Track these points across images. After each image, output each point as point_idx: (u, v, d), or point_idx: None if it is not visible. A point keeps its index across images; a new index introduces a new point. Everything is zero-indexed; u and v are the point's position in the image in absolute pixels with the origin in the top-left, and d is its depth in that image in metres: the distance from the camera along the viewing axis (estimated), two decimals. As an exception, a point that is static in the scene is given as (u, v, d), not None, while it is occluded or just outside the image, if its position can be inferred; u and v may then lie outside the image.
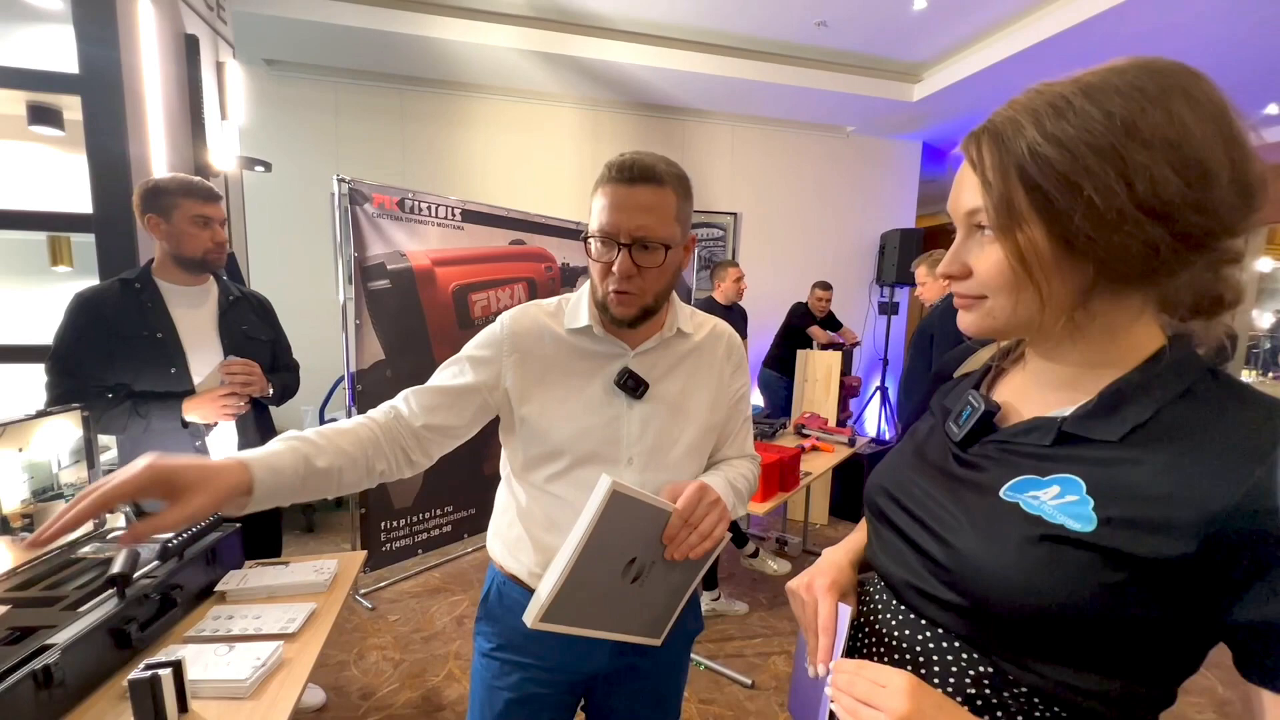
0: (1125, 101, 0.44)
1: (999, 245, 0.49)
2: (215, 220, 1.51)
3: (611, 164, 0.80)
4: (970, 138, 0.51)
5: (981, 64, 3.51)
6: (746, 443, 1.03)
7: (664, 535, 0.76)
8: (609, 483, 0.67)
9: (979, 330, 0.55)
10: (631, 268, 0.80)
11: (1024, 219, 0.47)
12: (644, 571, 0.77)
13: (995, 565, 0.49)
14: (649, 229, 0.79)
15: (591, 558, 0.70)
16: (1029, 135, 0.46)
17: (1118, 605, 0.45)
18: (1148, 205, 0.43)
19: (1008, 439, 0.55)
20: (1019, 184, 0.47)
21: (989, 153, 0.49)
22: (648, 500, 0.72)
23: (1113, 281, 0.47)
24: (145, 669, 0.85)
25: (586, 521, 0.68)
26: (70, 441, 1.25)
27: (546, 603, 0.70)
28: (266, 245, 3.32)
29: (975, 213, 0.51)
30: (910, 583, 0.57)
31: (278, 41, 3.40)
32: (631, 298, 0.83)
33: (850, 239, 4.95)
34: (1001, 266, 0.49)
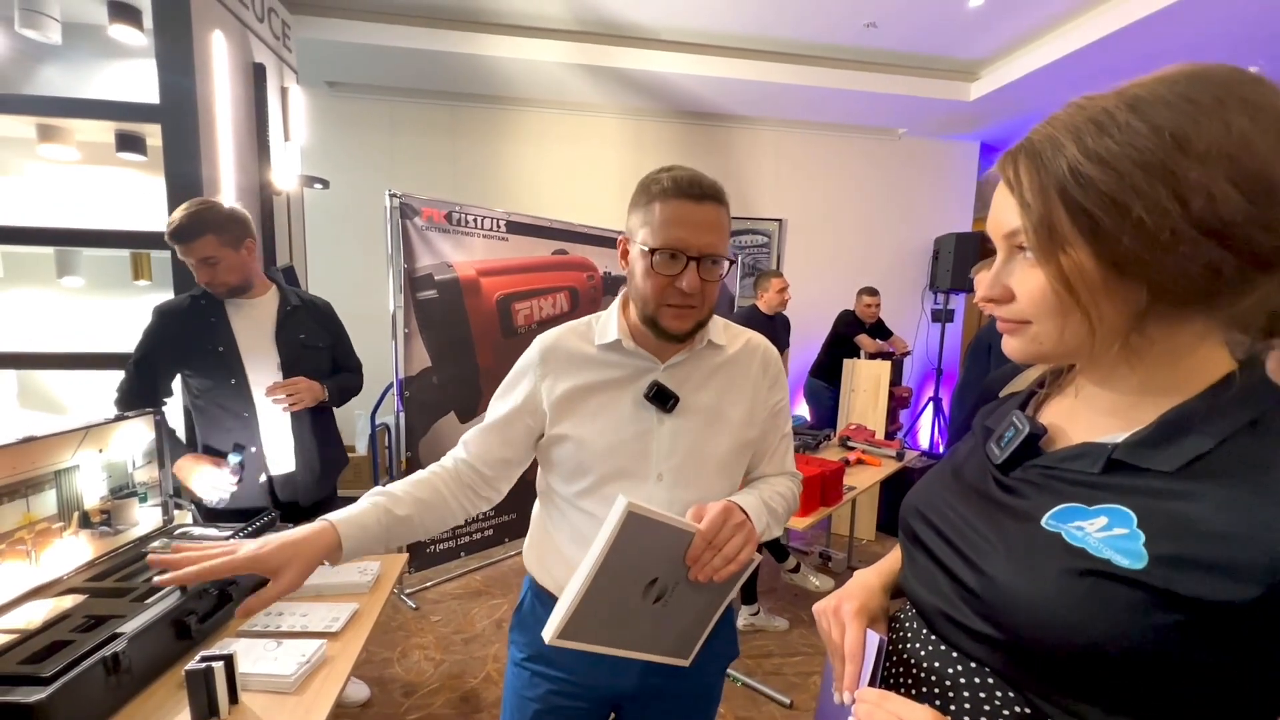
0: (1175, 114, 0.40)
1: (1041, 269, 0.46)
2: (194, 262, 1.50)
3: (669, 177, 0.81)
4: (1006, 156, 0.49)
5: (1044, 59, 3.34)
6: (786, 459, 1.01)
7: (687, 556, 0.74)
8: (624, 503, 0.66)
9: (1025, 356, 0.52)
10: (700, 283, 0.81)
11: (1067, 241, 0.44)
12: (667, 592, 0.76)
13: (1032, 597, 0.46)
14: (715, 246, 0.81)
15: (609, 577, 0.70)
16: (1069, 154, 0.43)
17: (1169, 649, 0.41)
18: (1206, 225, 0.39)
19: (1053, 464, 0.51)
20: (1060, 205, 0.44)
21: (1026, 172, 0.46)
22: (668, 521, 0.71)
23: (1171, 305, 0.43)
24: (201, 661, 0.90)
25: (602, 541, 0.68)
26: (144, 443, 1.35)
27: (563, 620, 0.70)
28: (324, 258, 3.50)
29: (1015, 234, 0.48)
30: (941, 610, 0.54)
31: (338, 64, 3.59)
32: (692, 311, 0.84)
33: (902, 244, 4.79)
34: (1045, 291, 0.46)
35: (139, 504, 1.32)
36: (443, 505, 0.88)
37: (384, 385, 3.30)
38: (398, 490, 0.86)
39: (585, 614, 0.71)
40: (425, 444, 2.63)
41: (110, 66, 1.92)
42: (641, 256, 0.82)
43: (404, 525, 0.83)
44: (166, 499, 1.40)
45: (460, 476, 0.91)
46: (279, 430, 1.65)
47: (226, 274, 1.54)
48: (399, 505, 0.83)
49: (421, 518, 0.86)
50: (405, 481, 0.88)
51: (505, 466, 0.93)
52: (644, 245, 0.82)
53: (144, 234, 1.86)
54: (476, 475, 0.92)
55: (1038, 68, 3.41)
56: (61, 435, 1.15)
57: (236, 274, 1.56)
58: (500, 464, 0.93)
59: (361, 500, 0.83)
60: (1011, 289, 0.49)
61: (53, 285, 2.17)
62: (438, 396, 2.66)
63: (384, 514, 0.82)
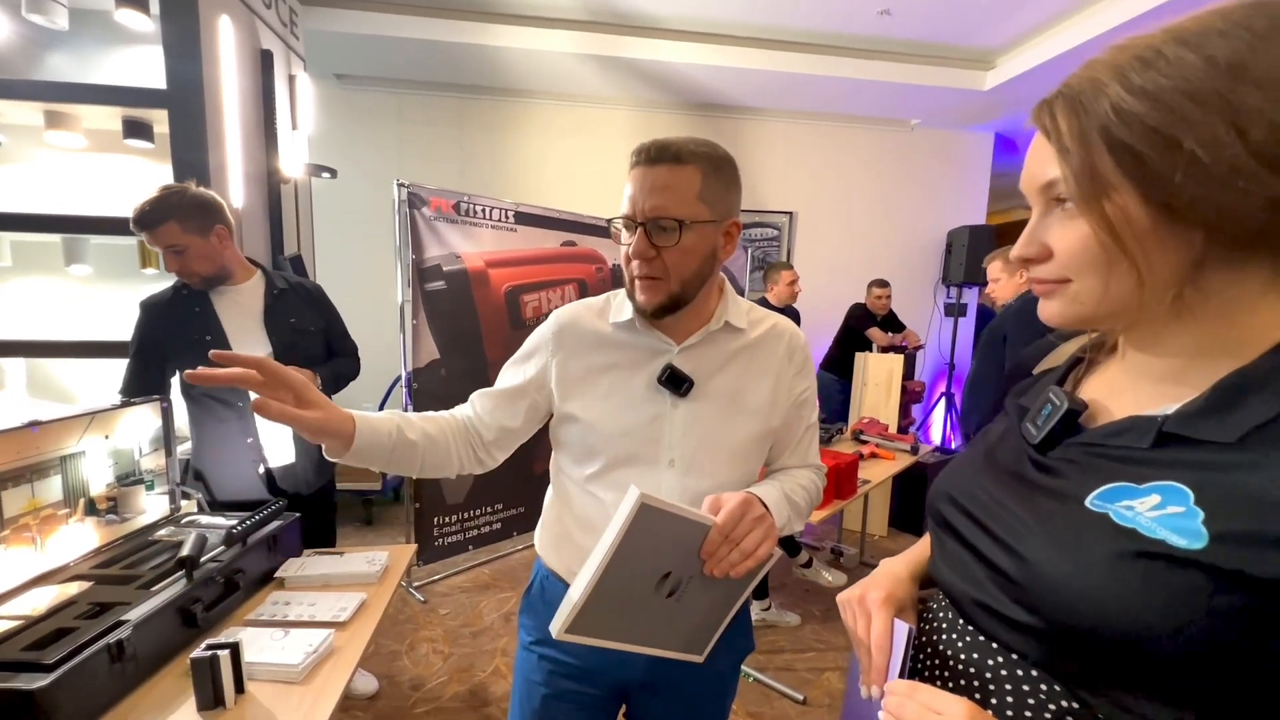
0: (1229, 43, 0.37)
1: (1083, 219, 0.43)
2: (161, 250, 1.47)
3: (636, 148, 0.79)
4: (1042, 105, 0.46)
5: (1061, 47, 3.27)
6: (810, 451, 0.96)
7: (702, 550, 0.71)
8: (637, 495, 0.63)
9: (1064, 319, 0.48)
10: (648, 248, 0.78)
11: (1111, 186, 0.41)
12: (681, 586, 0.73)
13: (1078, 583, 0.43)
14: (663, 207, 0.77)
15: (619, 570, 0.67)
16: (1112, 92, 0.40)
17: (1232, 635, 0.38)
18: (1268, 155, 0.36)
19: (1096, 441, 0.48)
20: (1103, 147, 0.41)
21: (1064, 117, 0.43)
22: (683, 513, 0.68)
23: (1230, 250, 0.40)
24: (206, 649, 0.89)
25: (613, 534, 0.65)
26: (150, 431, 1.34)
27: (571, 614, 0.67)
28: (332, 248, 3.49)
29: (1053, 185, 0.45)
30: (977, 599, 0.51)
31: (346, 56, 3.58)
32: (655, 284, 0.80)
33: (914, 237, 4.72)
34: (1087, 242, 0.43)
35: (145, 492, 1.31)
36: (446, 448, 0.87)
37: (392, 377, 3.30)
38: (413, 418, 0.86)
39: (594, 608, 0.68)
40: (433, 436, 2.61)
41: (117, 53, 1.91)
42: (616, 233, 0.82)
43: (409, 450, 0.83)
44: (173, 487, 1.39)
45: (466, 430, 0.91)
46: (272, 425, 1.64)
47: (195, 262, 1.49)
48: (410, 429, 0.83)
49: (425, 450, 0.85)
50: (420, 415, 0.88)
51: (505, 434, 0.92)
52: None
53: (151, 222, 1.84)
54: (477, 435, 0.91)
55: (1054, 56, 3.33)
56: (67, 421, 1.14)
57: (207, 263, 1.51)
58: (500, 430, 0.91)
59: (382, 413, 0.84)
60: (1049, 245, 0.46)
61: (60, 273, 2.16)
62: (446, 389, 2.64)
63: (396, 430, 0.81)
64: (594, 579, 0.66)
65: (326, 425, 0.71)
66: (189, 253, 1.48)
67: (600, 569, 0.65)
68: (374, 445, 0.78)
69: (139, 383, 1.57)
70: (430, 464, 0.86)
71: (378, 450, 0.78)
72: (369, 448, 0.77)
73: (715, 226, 0.81)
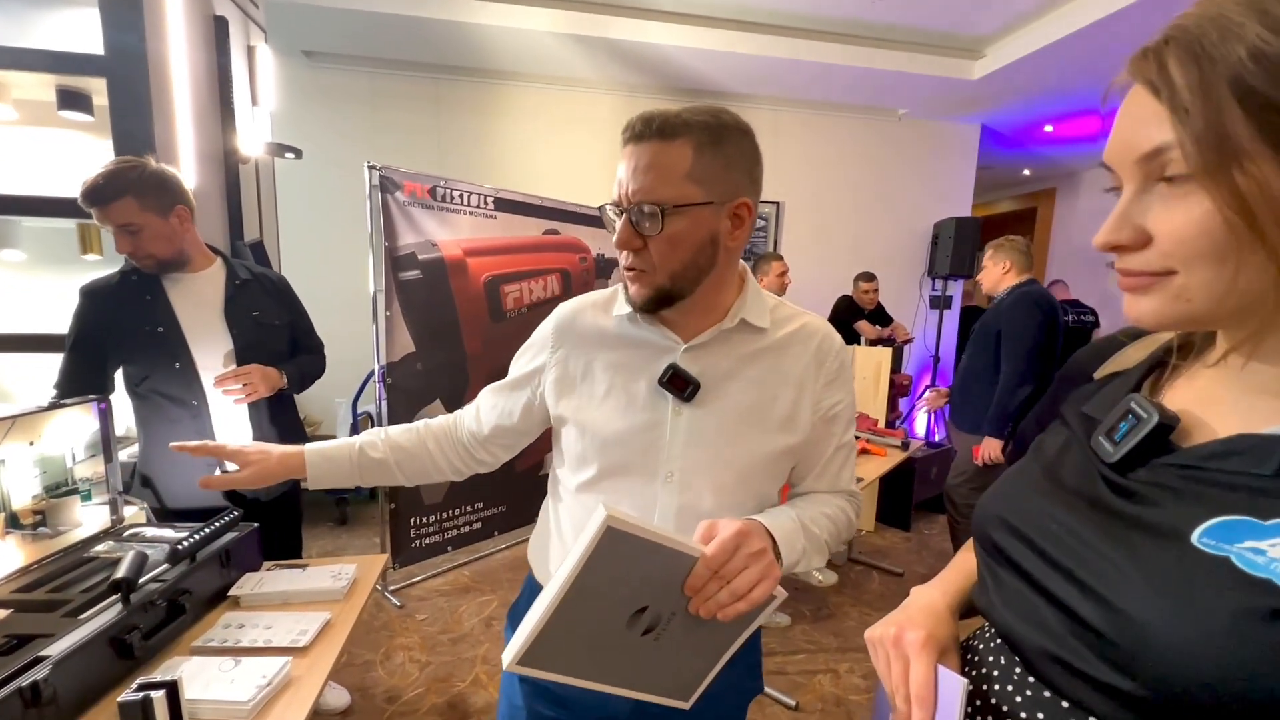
0: None
1: (1203, 195, 0.35)
2: (113, 229, 1.33)
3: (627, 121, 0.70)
4: (1147, 54, 0.37)
5: (1053, 35, 3.22)
6: (842, 475, 0.83)
7: (687, 586, 0.59)
8: (603, 515, 0.53)
9: (1164, 319, 0.40)
10: (632, 237, 0.69)
11: (1244, 153, 0.33)
12: (660, 623, 0.62)
13: (1195, 646, 0.34)
14: (647, 190, 0.67)
15: (582, 601, 0.57)
16: (1249, 34, 0.32)
17: None
18: None
19: (1196, 463, 0.40)
20: (1235, 105, 0.33)
21: (1181, 68, 0.35)
22: (663, 541, 0.57)
23: None
24: (138, 689, 0.77)
25: (574, 558, 0.55)
26: (86, 435, 1.20)
27: (525, 645, 0.57)
28: (298, 234, 3.32)
29: (1159, 153, 0.36)
30: (1049, 651, 0.42)
31: (314, 31, 3.39)
32: (642, 275, 0.71)
33: (901, 229, 4.68)
34: (1206, 224, 0.35)
35: (80, 502, 1.18)
36: (425, 458, 0.89)
37: (365, 371, 3.15)
38: (381, 434, 0.88)
39: (553, 640, 0.58)
40: (409, 433, 2.49)
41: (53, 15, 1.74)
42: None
43: (379, 468, 0.87)
44: (114, 496, 1.26)
45: (455, 434, 0.91)
46: (233, 421, 1.50)
47: (151, 244, 1.36)
48: (375, 449, 0.87)
49: (400, 464, 0.88)
50: (397, 428, 0.90)
51: (506, 434, 0.90)
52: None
53: (92, 203, 1.68)
54: (473, 436, 0.90)
55: (1044, 45, 3.29)
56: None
57: (164, 245, 1.38)
58: (501, 430, 0.89)
59: (348, 437, 0.88)
60: (1147, 230, 0.38)
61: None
62: (423, 384, 2.52)
63: (357, 453, 0.86)
64: (550, 608, 0.56)
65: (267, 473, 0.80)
66: (145, 233, 1.34)
67: (558, 597, 0.55)
68: (330, 475, 0.83)
69: (76, 380, 1.42)
70: (412, 473, 0.89)
71: (339, 478, 0.84)
72: (325, 478, 0.84)
73: (713, 209, 0.69)
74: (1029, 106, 4.25)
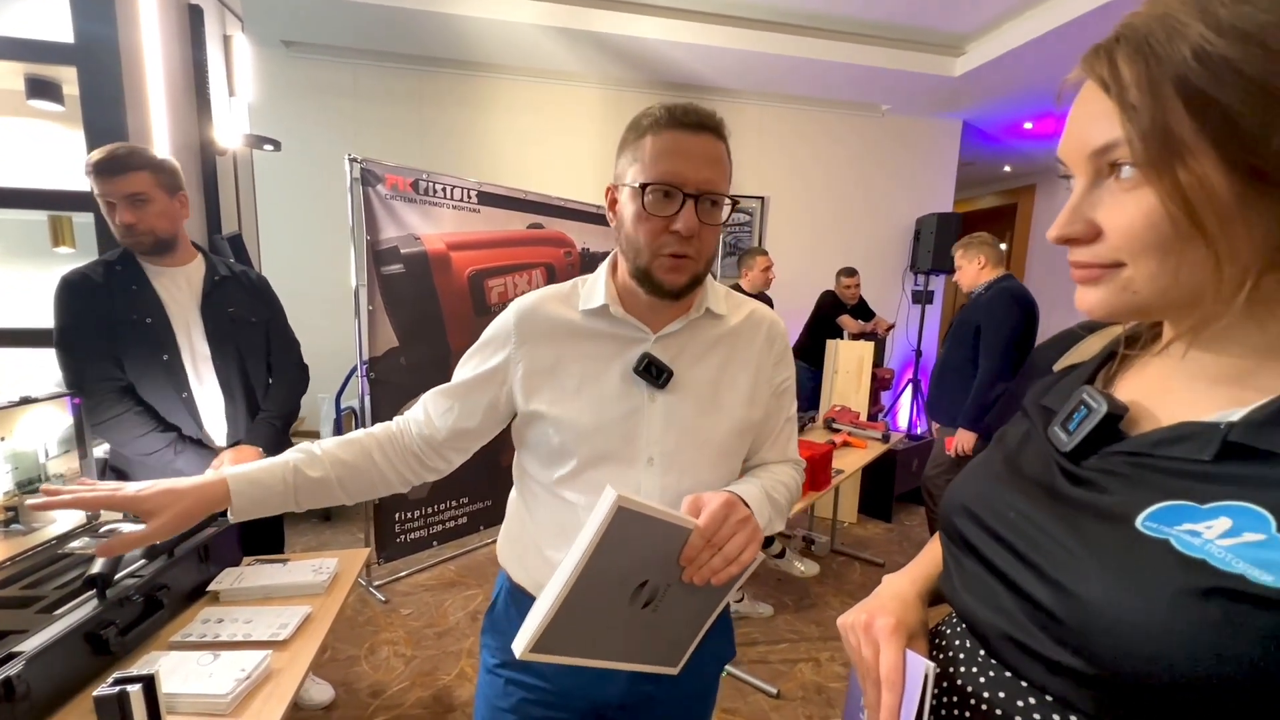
0: None
1: (1148, 189, 0.36)
2: (117, 199, 1.33)
3: (662, 107, 0.72)
4: (1098, 52, 0.39)
5: (1034, 32, 3.26)
6: (789, 445, 0.91)
7: (682, 556, 0.64)
8: (614, 496, 0.55)
9: (1112, 310, 0.41)
10: (697, 224, 0.71)
11: (1187, 149, 0.34)
12: (658, 595, 0.66)
13: (1138, 625, 0.36)
14: (715, 183, 0.72)
15: (593, 581, 0.59)
16: (1193, 33, 0.34)
17: None
18: None
19: (1143, 450, 0.41)
20: (1179, 102, 0.34)
21: (1130, 65, 0.36)
22: (663, 516, 0.60)
23: None
24: (114, 683, 0.77)
25: (586, 541, 0.57)
26: (59, 430, 1.18)
27: (537, 632, 0.59)
28: (278, 227, 3.27)
29: (1109, 149, 0.38)
30: (1008, 634, 0.44)
31: (294, 21, 3.33)
32: (688, 262, 0.74)
33: (884, 224, 4.73)
34: (1152, 218, 0.37)
35: (54, 499, 1.16)
36: (371, 470, 0.82)
37: (347, 366, 3.13)
38: (319, 449, 0.80)
39: (563, 624, 0.60)
40: (392, 428, 2.48)
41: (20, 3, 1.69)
42: (632, 197, 0.72)
43: (318, 487, 0.78)
44: (90, 492, 1.24)
45: (403, 441, 0.84)
46: (216, 414, 1.49)
47: (155, 219, 1.37)
48: (314, 466, 0.78)
49: (342, 480, 0.80)
50: (335, 440, 0.82)
51: (460, 436, 0.85)
52: (634, 183, 0.71)
53: (64, 194, 1.64)
54: (425, 442, 0.84)
55: (1025, 41, 3.33)
56: (-52, 422, 0.98)
57: (166, 223, 1.39)
58: (457, 433, 0.84)
59: (279, 455, 0.79)
60: (1097, 223, 0.40)
61: (-41, 254, 1.93)
62: (406, 379, 2.51)
63: (292, 473, 0.76)
64: (563, 593, 0.58)
65: (184, 518, 0.70)
66: (152, 207, 1.36)
67: (571, 581, 0.57)
68: (260, 502, 0.74)
69: (97, 369, 1.37)
70: (355, 490, 0.82)
71: (271, 504, 0.75)
72: (254, 504, 0.74)
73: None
74: (1009, 103, 4.30)
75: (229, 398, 1.49)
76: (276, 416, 1.58)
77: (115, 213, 1.34)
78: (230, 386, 1.49)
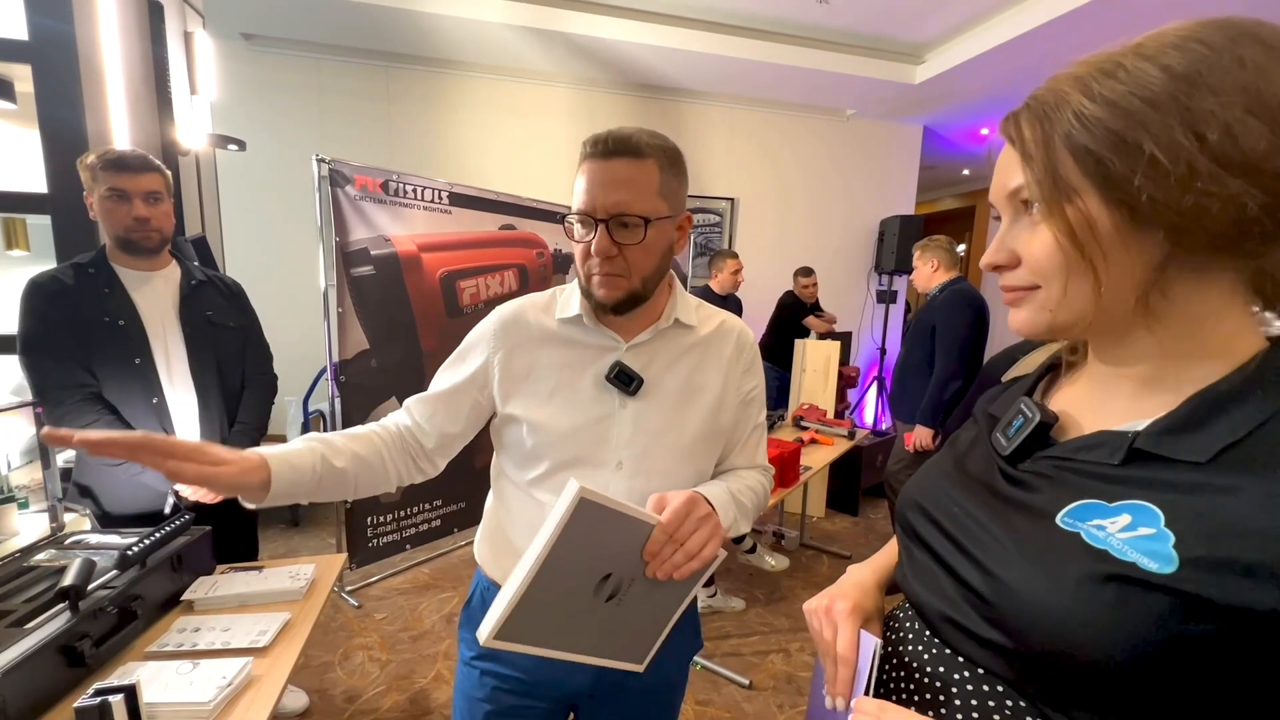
0: (1184, 54, 0.39)
1: (1047, 224, 0.43)
2: (134, 193, 1.36)
3: (590, 139, 0.76)
4: (1009, 117, 0.46)
5: (988, 44, 3.41)
6: (758, 452, 0.95)
7: (645, 551, 0.67)
8: (576, 489, 0.58)
9: (1032, 328, 0.48)
10: (610, 246, 0.75)
11: (1074, 190, 0.42)
12: (621, 589, 0.69)
13: (1048, 605, 0.42)
14: (625, 204, 0.74)
15: (555, 572, 0.62)
16: (1074, 101, 0.41)
17: (1198, 662, 0.38)
18: (1225, 157, 0.37)
19: (1067, 455, 0.48)
20: (1065, 152, 0.42)
21: (1029, 127, 0.44)
22: (626, 511, 0.64)
23: (1193, 255, 0.40)
24: (95, 694, 0.77)
25: (549, 530, 0.60)
26: (21, 440, 1.16)
27: (501, 618, 0.61)
28: (245, 230, 3.20)
29: (1019, 191, 0.45)
30: (946, 614, 0.50)
31: (254, 14, 3.25)
32: (616, 280, 0.77)
33: (849, 225, 4.86)
34: (1050, 248, 0.44)
35: (18, 511, 1.14)
36: (380, 466, 0.83)
37: (316, 368, 3.08)
38: (337, 441, 0.80)
39: (527, 612, 0.63)
40: (364, 432, 2.45)
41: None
42: (568, 227, 0.78)
43: (338, 478, 0.78)
44: (54, 503, 1.22)
45: (402, 441, 0.86)
46: (189, 420, 1.47)
47: (163, 219, 1.43)
48: (337, 456, 0.78)
49: (357, 474, 0.80)
50: (345, 433, 0.82)
51: (447, 440, 0.88)
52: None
53: (17, 195, 1.58)
54: (417, 444, 0.87)
55: (980, 53, 3.48)
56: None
57: (169, 224, 1.45)
58: (442, 436, 0.87)
59: (296, 441, 0.77)
60: (1017, 252, 0.46)
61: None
62: (377, 381, 2.49)
63: (320, 461, 0.76)
64: (527, 579, 0.61)
65: (241, 478, 0.67)
66: (162, 207, 1.42)
67: (534, 568, 0.60)
68: (295, 484, 0.73)
69: (66, 375, 1.34)
70: (364, 485, 0.82)
71: (301, 488, 0.74)
72: (290, 487, 0.72)
73: (672, 222, 0.80)
74: (966, 110, 4.48)
75: (203, 404, 1.47)
76: (254, 429, 1.56)
77: (126, 207, 1.36)
78: (205, 392, 1.47)
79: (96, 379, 1.37)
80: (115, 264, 1.40)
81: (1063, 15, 2.96)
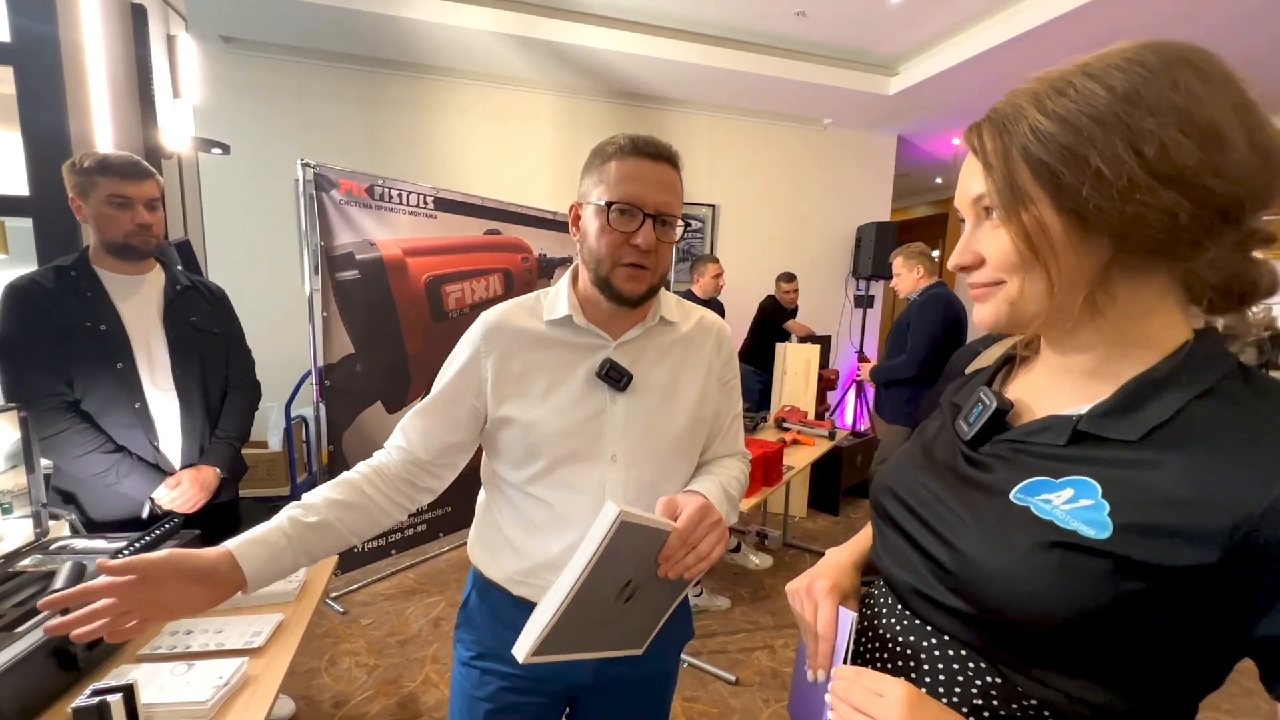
0: (1126, 75, 0.43)
1: (1005, 227, 0.48)
2: (137, 200, 1.36)
3: (625, 137, 0.81)
4: (971, 128, 0.51)
5: (958, 58, 3.53)
6: (738, 440, 1.00)
7: (660, 554, 0.72)
8: (616, 512, 0.61)
9: (995, 321, 0.52)
10: (655, 240, 0.79)
11: (1029, 197, 0.46)
12: (636, 591, 0.73)
13: (1003, 572, 0.47)
14: (670, 205, 0.81)
15: (590, 588, 0.66)
16: (1030, 116, 0.46)
17: (1134, 617, 0.42)
18: (1161, 171, 0.42)
19: (1020, 438, 0.53)
20: (1022, 163, 0.46)
21: (990, 138, 0.48)
22: (649, 523, 0.68)
23: (1133, 255, 0.45)
24: (92, 695, 0.78)
25: (588, 554, 0.63)
26: (4, 445, 1.15)
27: (540, 638, 0.65)
28: (228, 234, 3.17)
29: (981, 198, 0.50)
30: (915, 587, 0.54)
31: (236, 17, 3.23)
32: (643, 274, 0.81)
33: (827, 232, 4.97)
34: (1008, 249, 0.48)
35: (2, 516, 1.13)
36: (369, 505, 0.83)
37: (300, 372, 3.05)
38: (311, 498, 0.80)
39: (562, 627, 0.67)
40: (350, 436, 2.45)
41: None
42: (596, 214, 0.80)
43: (322, 532, 0.78)
44: (38, 509, 1.20)
45: (390, 471, 0.86)
46: (171, 426, 1.46)
47: (160, 225, 1.43)
48: (310, 512, 0.78)
49: (342, 520, 0.80)
50: (324, 486, 0.83)
51: (449, 451, 0.88)
52: (599, 201, 0.79)
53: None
54: (414, 465, 0.87)
55: (951, 65, 3.61)
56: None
57: (163, 230, 1.46)
58: (443, 449, 0.87)
59: (268, 523, 0.77)
60: (981, 253, 0.51)
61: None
62: (362, 386, 2.48)
63: (288, 524, 0.75)
64: (567, 599, 0.64)
65: (216, 595, 0.69)
66: (159, 214, 1.43)
67: (574, 591, 0.64)
68: (272, 560, 0.73)
69: (41, 382, 1.31)
70: (359, 528, 0.82)
71: (283, 564, 0.74)
72: (267, 563, 0.72)
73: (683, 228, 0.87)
74: (938, 121, 4.62)
75: (186, 409, 1.46)
76: (235, 437, 1.55)
77: (130, 214, 1.36)
78: (189, 397, 1.46)
79: (72, 386, 1.35)
80: (98, 267, 1.38)
81: (1027, 31, 3.09)
